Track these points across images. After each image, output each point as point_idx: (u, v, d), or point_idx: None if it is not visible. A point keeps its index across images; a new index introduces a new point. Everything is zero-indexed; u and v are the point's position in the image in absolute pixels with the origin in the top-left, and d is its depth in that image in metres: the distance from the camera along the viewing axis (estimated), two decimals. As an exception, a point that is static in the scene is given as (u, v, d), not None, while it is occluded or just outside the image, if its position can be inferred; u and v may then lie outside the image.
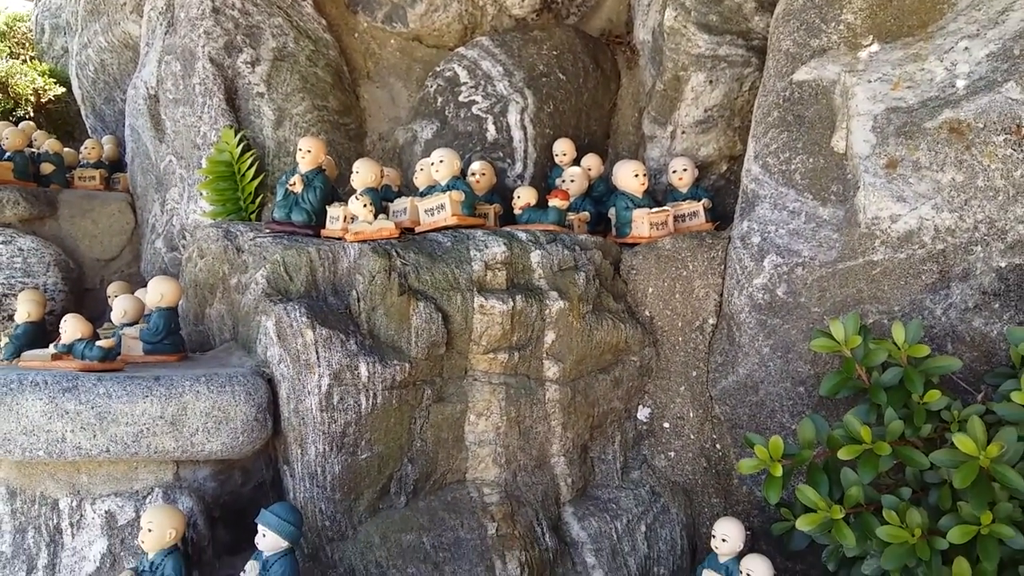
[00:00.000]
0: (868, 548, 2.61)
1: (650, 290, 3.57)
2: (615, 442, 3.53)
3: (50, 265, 4.69)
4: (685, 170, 3.89)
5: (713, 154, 4.10)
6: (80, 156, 5.45)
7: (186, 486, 2.96)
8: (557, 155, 4.15)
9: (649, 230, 3.63)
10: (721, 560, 2.91)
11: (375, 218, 3.33)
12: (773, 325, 3.21)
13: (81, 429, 2.74)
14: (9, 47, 7.01)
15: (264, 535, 2.61)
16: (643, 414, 3.58)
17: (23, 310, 3.79)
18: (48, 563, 2.86)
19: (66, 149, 5.48)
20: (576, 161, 4.14)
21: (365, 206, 3.34)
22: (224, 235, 3.63)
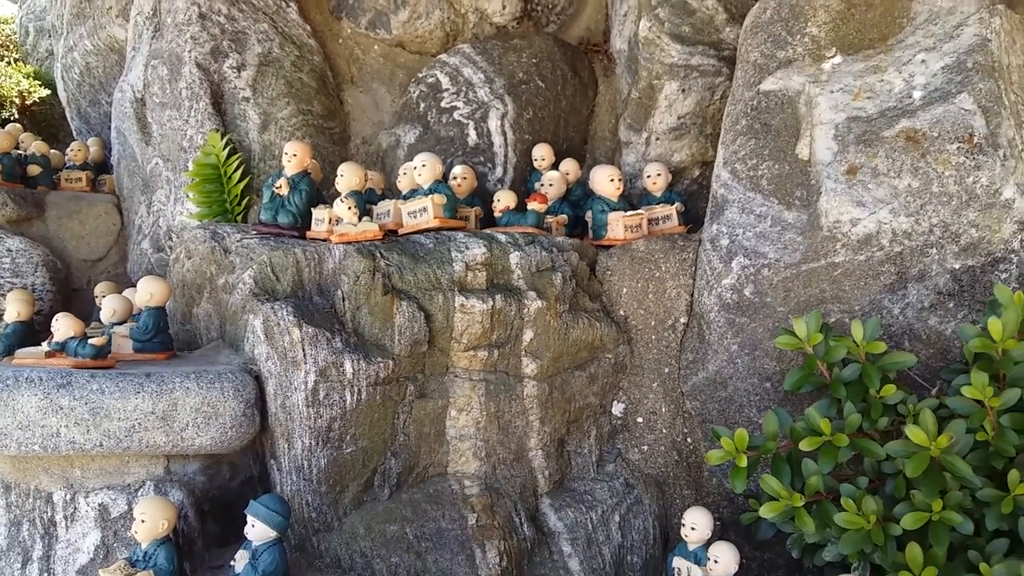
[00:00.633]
0: (828, 535, 2.74)
1: (624, 290, 3.70)
2: (591, 436, 3.65)
3: (38, 265, 4.76)
4: (659, 175, 4.02)
5: (686, 159, 4.23)
6: (66, 158, 5.51)
7: (176, 480, 3.05)
8: (536, 160, 4.28)
9: (624, 232, 3.76)
10: (690, 548, 3.03)
11: (359, 220, 3.44)
12: (741, 324, 3.35)
13: (75, 424, 2.82)
14: (-6, 49, 7.05)
15: (253, 525, 2.70)
16: (618, 409, 3.72)
17: (12, 310, 3.86)
18: (43, 555, 2.94)
19: (52, 151, 5.54)
20: (554, 166, 4.25)
21: (350, 208, 3.45)
22: (211, 236, 3.72)
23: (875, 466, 2.82)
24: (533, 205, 3.74)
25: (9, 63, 6.83)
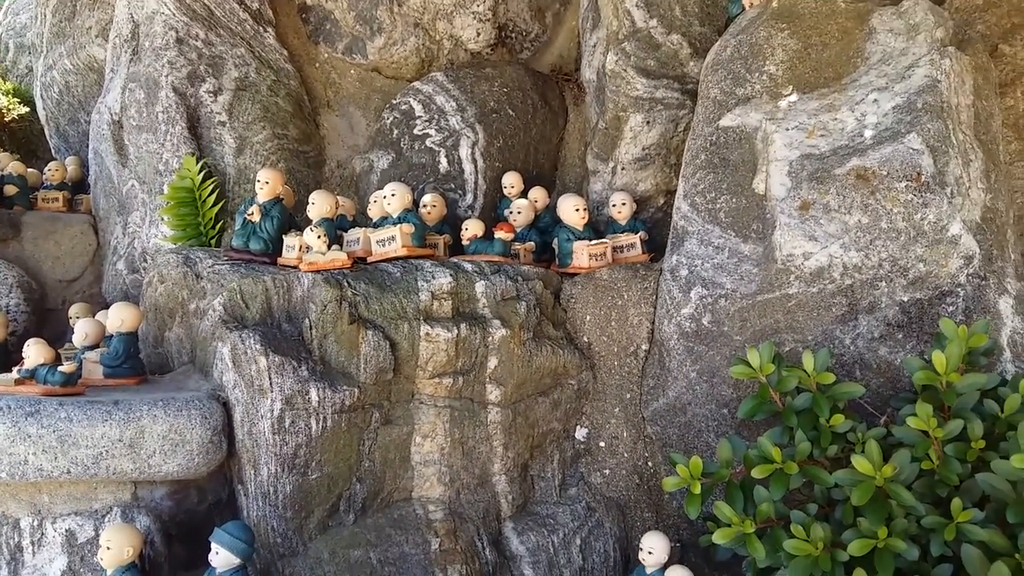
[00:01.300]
0: (779, 560, 2.82)
1: (588, 318, 3.79)
2: (554, 460, 3.73)
3: (13, 286, 4.79)
4: (624, 204, 4.10)
5: (651, 189, 4.33)
6: (44, 178, 5.53)
7: (144, 505, 3.09)
8: (506, 187, 4.36)
9: (588, 261, 3.85)
10: (648, 571, 3.09)
11: (328, 248, 3.51)
12: (699, 352, 3.44)
13: (43, 452, 2.86)
14: (-28, 66, 7.08)
15: (217, 552, 2.76)
16: (580, 434, 3.80)
17: (-14, 332, 3.91)
18: (9, 580, 2.99)
19: (29, 170, 5.56)
20: (524, 193, 4.34)
21: (319, 237, 3.52)
22: (184, 261, 3.77)
23: (825, 493, 2.89)
24: (500, 234, 3.82)
25: (-12, 79, 6.87)
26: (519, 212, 4.12)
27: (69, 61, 6.01)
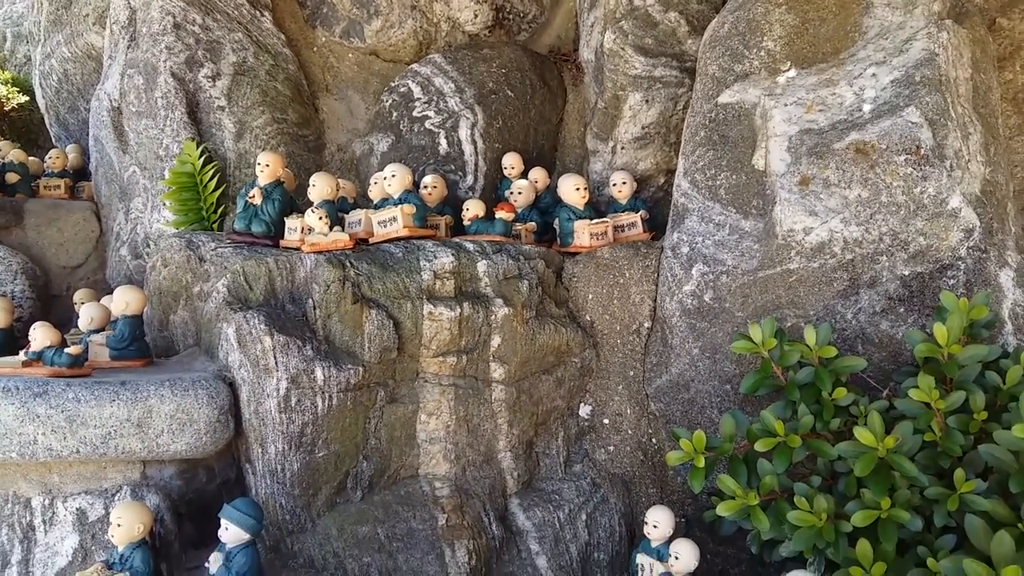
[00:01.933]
0: (783, 532, 2.85)
1: (590, 296, 3.81)
2: (558, 438, 3.76)
3: (17, 273, 4.82)
4: (624, 183, 4.12)
5: (651, 168, 4.34)
6: (45, 166, 5.55)
7: (153, 484, 3.13)
8: (506, 168, 4.37)
9: (590, 240, 3.87)
10: (653, 545, 3.13)
11: (330, 230, 3.52)
12: (702, 328, 3.46)
13: (52, 432, 2.89)
14: (-29, 56, 7.07)
15: (227, 528, 2.79)
16: (584, 411, 3.83)
17: (-8, 318, 3.94)
18: (22, 559, 3.01)
19: (31, 158, 5.57)
20: (524, 174, 4.34)
21: (321, 219, 3.54)
22: (187, 245, 3.79)
23: (828, 466, 2.91)
24: (501, 214, 3.84)
25: (-13, 69, 6.86)
26: (520, 192, 4.14)
27: (67, 49, 6.00)
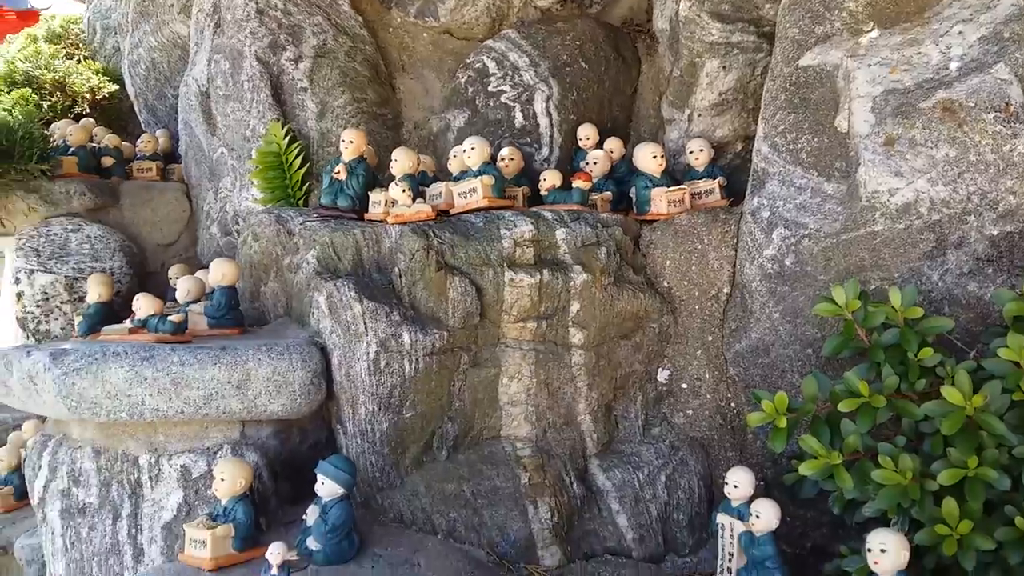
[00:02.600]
0: (867, 492, 2.83)
1: (668, 263, 3.83)
2: (637, 401, 3.80)
3: (115, 250, 5.09)
4: (701, 150, 4.09)
5: (728, 135, 4.31)
6: (136, 149, 5.81)
7: (251, 443, 3.29)
8: (581, 139, 4.40)
9: (667, 207, 3.88)
10: (734, 505, 3.14)
11: (413, 202, 3.63)
12: (782, 293, 3.45)
13: (158, 393, 3.05)
14: (65, 48, 7.39)
15: (323, 482, 2.92)
16: (663, 376, 3.86)
17: (94, 291, 4.19)
18: (131, 512, 3.21)
19: (124, 143, 5.85)
20: (599, 144, 4.35)
21: (404, 191, 3.65)
22: (276, 220, 3.96)
23: (913, 426, 2.87)
24: (578, 183, 3.88)
25: (79, 61, 7.16)
26: (595, 163, 4.17)
27: (154, 38, 6.26)
